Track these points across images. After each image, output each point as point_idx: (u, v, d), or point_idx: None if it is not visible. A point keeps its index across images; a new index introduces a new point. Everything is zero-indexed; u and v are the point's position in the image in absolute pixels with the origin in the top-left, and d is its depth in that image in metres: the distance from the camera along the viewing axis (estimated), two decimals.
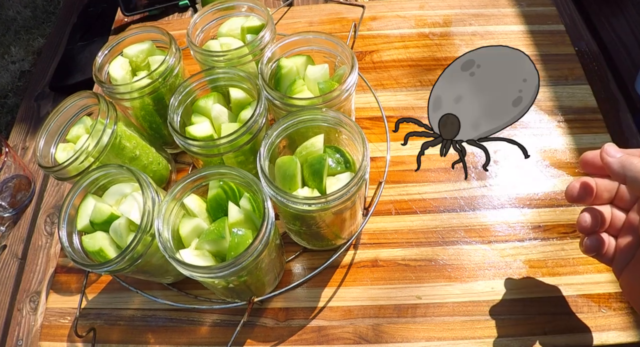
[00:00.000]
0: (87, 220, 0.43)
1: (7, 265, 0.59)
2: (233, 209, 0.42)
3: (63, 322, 0.52)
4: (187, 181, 0.42)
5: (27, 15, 1.70)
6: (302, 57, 0.52)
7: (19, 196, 0.63)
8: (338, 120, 0.44)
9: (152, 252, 0.42)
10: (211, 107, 0.50)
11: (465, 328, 0.48)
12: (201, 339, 0.50)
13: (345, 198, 0.40)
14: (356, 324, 0.49)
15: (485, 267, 0.51)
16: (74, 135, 0.50)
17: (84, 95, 0.49)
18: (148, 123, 0.57)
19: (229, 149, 0.46)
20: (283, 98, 0.46)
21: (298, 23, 0.75)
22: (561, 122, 0.60)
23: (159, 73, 0.51)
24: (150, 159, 0.53)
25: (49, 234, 0.60)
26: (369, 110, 0.64)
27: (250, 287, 0.45)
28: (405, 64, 0.68)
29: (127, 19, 0.81)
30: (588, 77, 0.64)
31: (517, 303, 0.48)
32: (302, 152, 0.45)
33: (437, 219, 0.54)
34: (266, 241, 0.38)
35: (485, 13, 0.72)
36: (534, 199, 0.55)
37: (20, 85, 1.51)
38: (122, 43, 0.55)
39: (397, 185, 0.57)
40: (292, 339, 0.49)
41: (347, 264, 0.52)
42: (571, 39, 0.68)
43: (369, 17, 0.74)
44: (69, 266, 0.56)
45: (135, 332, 0.51)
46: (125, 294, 0.53)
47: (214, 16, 0.57)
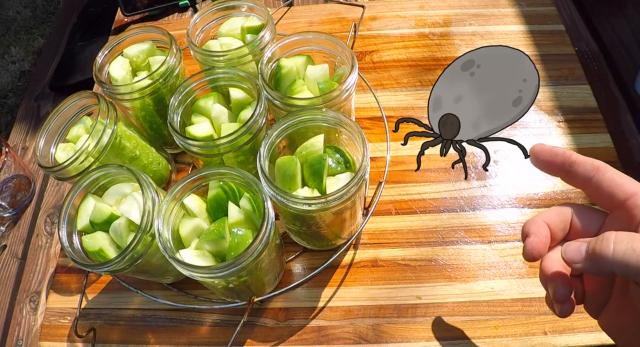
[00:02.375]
0: (87, 220, 0.43)
1: (7, 265, 0.59)
2: (233, 209, 0.42)
3: (63, 322, 0.52)
4: (187, 181, 0.42)
5: (27, 15, 1.70)
6: (302, 57, 0.52)
7: (19, 196, 0.63)
8: (338, 120, 0.44)
9: (152, 252, 0.42)
10: (211, 107, 0.50)
11: (465, 328, 0.48)
12: (201, 339, 0.50)
13: (345, 198, 0.40)
14: (356, 324, 0.49)
15: (485, 267, 0.51)
16: (74, 135, 0.50)
17: (84, 95, 0.49)
18: (148, 123, 0.57)
19: (229, 149, 0.46)
20: (283, 98, 0.46)
21: (298, 23, 0.75)
22: (561, 122, 0.60)
23: (159, 74, 0.51)
24: (150, 159, 0.53)
25: (49, 234, 0.60)
26: (369, 110, 0.64)
27: (250, 287, 0.45)
28: (405, 64, 0.68)
29: (127, 19, 0.81)
30: (588, 77, 0.64)
31: (517, 303, 0.48)
32: (302, 152, 0.45)
33: (437, 219, 0.54)
34: (266, 241, 0.38)
35: (485, 13, 0.72)
36: (534, 199, 0.55)
37: (20, 85, 1.51)
38: (122, 43, 0.55)
39: (397, 185, 0.57)
40: (292, 339, 0.49)
41: (347, 264, 0.52)
42: (571, 39, 0.68)
43: (369, 17, 0.74)
44: (69, 266, 0.56)
45: (135, 332, 0.51)
46: (125, 294, 0.53)
47: (214, 16, 0.57)
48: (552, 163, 0.34)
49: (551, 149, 0.34)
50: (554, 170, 0.34)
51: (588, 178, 0.32)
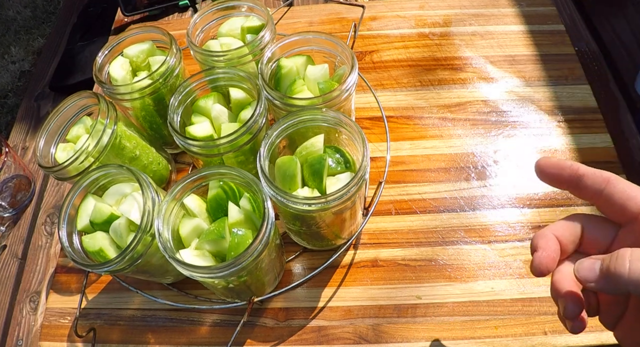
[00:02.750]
0: (87, 220, 0.43)
1: (7, 265, 0.59)
2: (233, 209, 0.42)
3: (63, 322, 0.52)
4: (187, 181, 0.42)
5: (27, 15, 1.70)
6: (302, 57, 0.52)
7: (19, 196, 0.63)
8: (338, 120, 0.44)
9: (152, 252, 0.42)
10: (211, 107, 0.50)
11: (465, 328, 0.47)
12: (201, 339, 0.50)
13: (345, 198, 0.40)
14: (356, 324, 0.49)
15: (485, 267, 0.51)
16: (74, 135, 0.50)
17: (84, 96, 0.49)
18: (148, 123, 0.57)
19: (229, 149, 0.46)
20: (283, 98, 0.46)
21: (298, 23, 0.75)
22: (561, 122, 0.60)
23: (159, 74, 0.51)
24: (150, 159, 0.53)
25: (49, 234, 0.60)
26: (369, 110, 0.64)
27: (250, 287, 0.45)
28: (405, 64, 0.68)
29: (127, 19, 0.81)
30: (588, 77, 0.64)
31: (517, 303, 0.48)
32: (302, 152, 0.45)
33: (437, 219, 0.54)
34: (266, 241, 0.38)
35: (485, 13, 0.72)
36: (534, 199, 0.55)
37: (20, 85, 1.51)
38: (122, 43, 0.55)
39: (397, 185, 0.57)
40: (292, 339, 0.49)
41: (347, 264, 0.52)
42: (571, 39, 0.68)
43: (369, 17, 0.74)
44: (69, 266, 0.56)
45: (135, 332, 0.51)
46: (125, 294, 0.53)
47: (214, 16, 0.57)
48: (559, 177, 0.32)
49: (557, 163, 0.32)
50: (561, 184, 0.33)
51: (598, 191, 0.31)
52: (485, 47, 0.68)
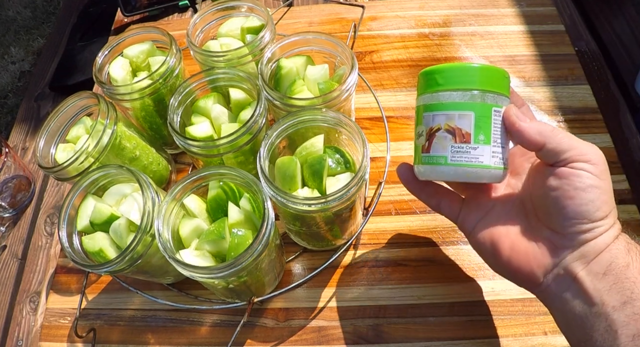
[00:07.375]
0: (87, 220, 0.43)
1: (7, 265, 0.59)
2: (233, 210, 0.42)
3: (63, 322, 0.52)
4: (187, 182, 0.42)
5: (27, 15, 1.70)
6: (302, 58, 0.52)
7: (19, 196, 0.63)
8: (338, 120, 0.44)
9: (152, 252, 0.42)
10: (211, 108, 0.50)
11: (465, 328, 0.47)
12: (201, 339, 0.50)
13: (345, 198, 0.40)
14: (356, 324, 0.49)
15: (485, 267, 0.51)
16: (74, 135, 0.50)
17: (83, 96, 0.49)
18: (148, 124, 0.57)
19: (229, 149, 0.46)
20: (283, 98, 0.46)
21: (298, 23, 0.75)
22: (561, 122, 0.60)
23: (159, 74, 0.51)
24: (150, 159, 0.53)
25: (49, 234, 0.60)
26: (369, 110, 0.64)
27: (250, 288, 0.45)
28: (405, 64, 0.68)
29: (127, 20, 0.81)
30: (588, 77, 0.64)
31: (517, 303, 0.48)
32: (302, 153, 0.45)
33: (437, 219, 0.54)
34: (266, 241, 0.38)
35: (485, 13, 0.72)
36: None
37: (20, 86, 1.51)
38: (122, 43, 0.55)
39: (397, 185, 0.57)
40: (292, 339, 0.49)
41: (347, 264, 0.52)
42: (571, 39, 0.68)
43: (369, 17, 0.74)
44: (69, 266, 0.56)
45: (135, 332, 0.51)
46: (125, 295, 0.53)
47: (213, 16, 0.57)
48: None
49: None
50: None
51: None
52: (485, 47, 0.68)
